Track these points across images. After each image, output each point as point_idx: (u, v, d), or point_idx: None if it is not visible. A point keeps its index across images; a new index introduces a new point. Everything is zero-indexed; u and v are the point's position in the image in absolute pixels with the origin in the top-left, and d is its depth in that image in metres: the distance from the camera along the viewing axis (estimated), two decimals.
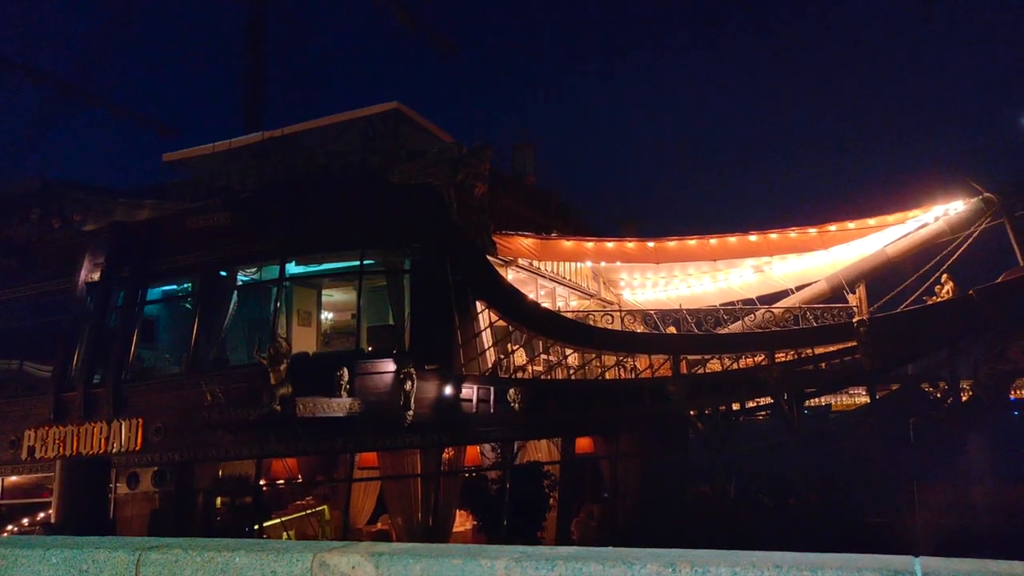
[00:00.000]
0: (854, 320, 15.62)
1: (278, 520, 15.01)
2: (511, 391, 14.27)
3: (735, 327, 17.30)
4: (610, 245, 18.03)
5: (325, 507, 16.48)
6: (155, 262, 16.00)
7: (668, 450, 16.50)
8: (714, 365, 16.51)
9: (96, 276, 16.25)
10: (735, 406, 16.37)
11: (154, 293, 16.83)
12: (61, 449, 14.84)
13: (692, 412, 15.97)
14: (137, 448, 14.35)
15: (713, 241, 17.34)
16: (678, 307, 18.43)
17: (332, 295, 18.53)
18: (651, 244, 17.89)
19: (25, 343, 16.88)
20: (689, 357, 16.18)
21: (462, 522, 15.65)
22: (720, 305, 18.89)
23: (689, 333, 17.00)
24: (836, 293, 16.69)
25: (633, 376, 17.06)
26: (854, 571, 2.43)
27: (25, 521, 15.97)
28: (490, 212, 15.80)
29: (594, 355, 16.19)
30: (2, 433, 15.65)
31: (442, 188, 15.27)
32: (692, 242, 17.64)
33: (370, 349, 14.87)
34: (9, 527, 15.62)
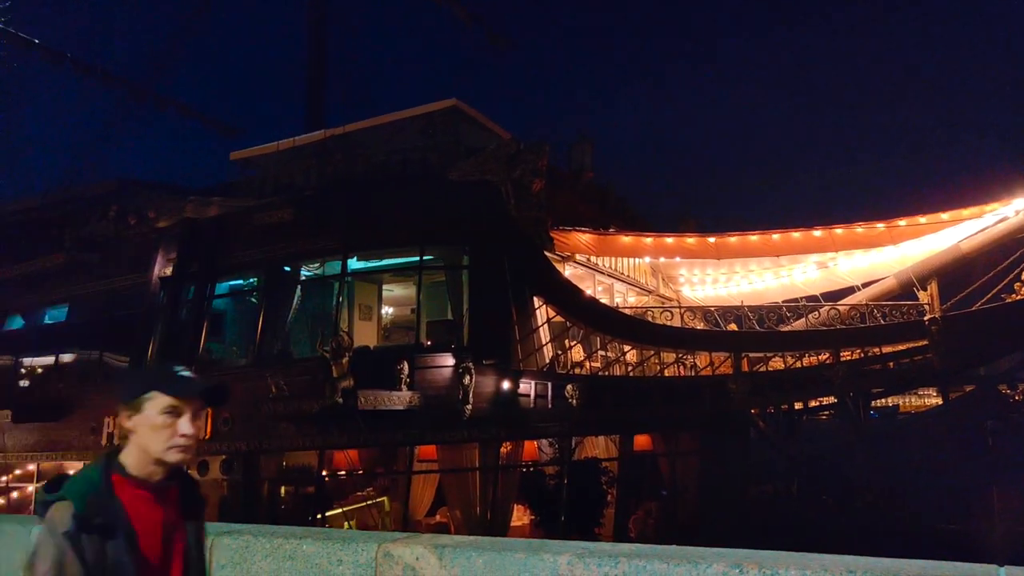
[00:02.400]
0: (925, 318, 15.14)
1: (340, 510, 15.32)
2: (569, 387, 14.25)
3: (798, 324, 16.94)
4: (669, 240, 17.85)
5: (385, 499, 16.73)
6: (223, 258, 16.49)
7: (728, 448, 16.26)
8: (776, 363, 16.21)
9: (168, 271, 16.83)
10: (798, 405, 16.04)
11: (222, 288, 17.33)
12: None
13: (754, 410, 15.72)
14: (207, 437, 14.81)
15: (776, 236, 17.00)
16: (739, 304, 18.13)
17: (392, 290, 18.79)
18: (711, 240, 17.64)
19: (104, 335, 17.59)
20: (751, 355, 15.90)
21: (519, 516, 15.71)
22: (783, 302, 18.52)
23: (751, 330, 16.71)
24: (905, 290, 16.15)
25: (693, 374, 16.89)
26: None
27: None
28: (548, 208, 15.81)
29: (653, 352, 16.07)
30: (84, 421, 16.35)
31: (500, 184, 15.36)
32: (754, 238, 17.32)
33: (429, 343, 15.05)
34: None
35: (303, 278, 16.50)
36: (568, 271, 17.24)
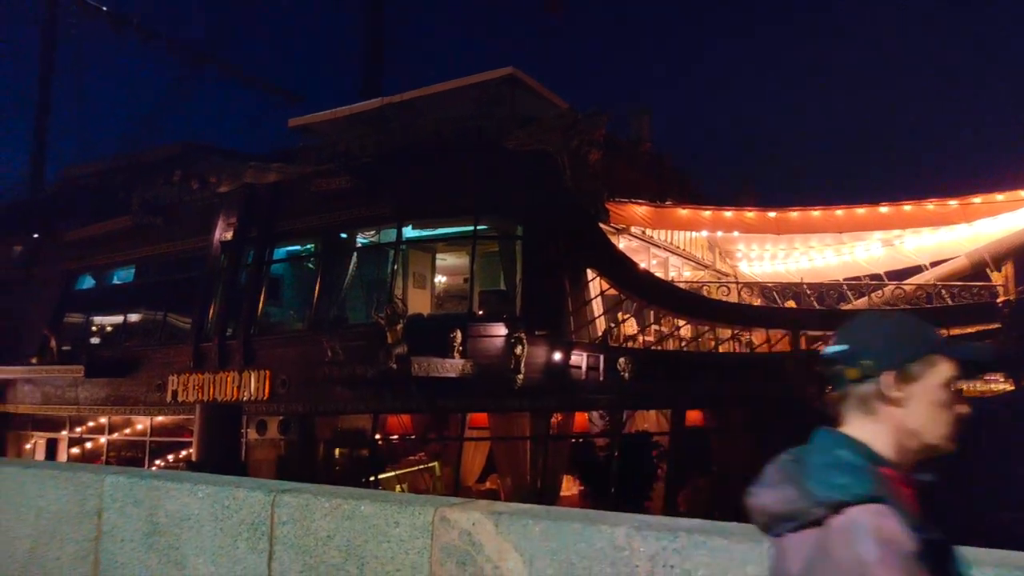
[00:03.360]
0: (998, 300, 14.59)
1: (393, 473, 15.64)
2: (621, 360, 14.20)
3: (861, 303, 16.51)
4: (728, 214, 17.50)
5: (436, 464, 17.01)
6: (281, 223, 16.78)
7: (783, 427, 16.00)
8: None
9: (229, 235, 17.21)
10: None
11: (280, 253, 17.67)
12: (200, 394, 15.95)
13: (811, 389, 15.42)
14: (265, 397, 15.23)
15: (839, 212, 16.52)
16: (799, 280, 17.75)
17: (445, 259, 18.89)
18: (772, 214, 17.24)
19: (168, 296, 18.14)
20: (810, 333, 15.58)
21: (568, 487, 15.81)
22: (844, 280, 18.06)
23: (810, 308, 16.37)
24: (977, 271, 15.55)
25: (749, 350, 16.63)
26: (1015, 569, 2.30)
27: (170, 457, 17.35)
28: (604, 179, 15.65)
29: (708, 327, 15.86)
30: (149, 378, 16.96)
31: (556, 154, 15.24)
32: (816, 213, 16.87)
33: (481, 313, 15.13)
34: (157, 461, 17.04)
35: (359, 245, 16.71)
36: (622, 243, 17.08)
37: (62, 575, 4.29)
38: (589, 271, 15.15)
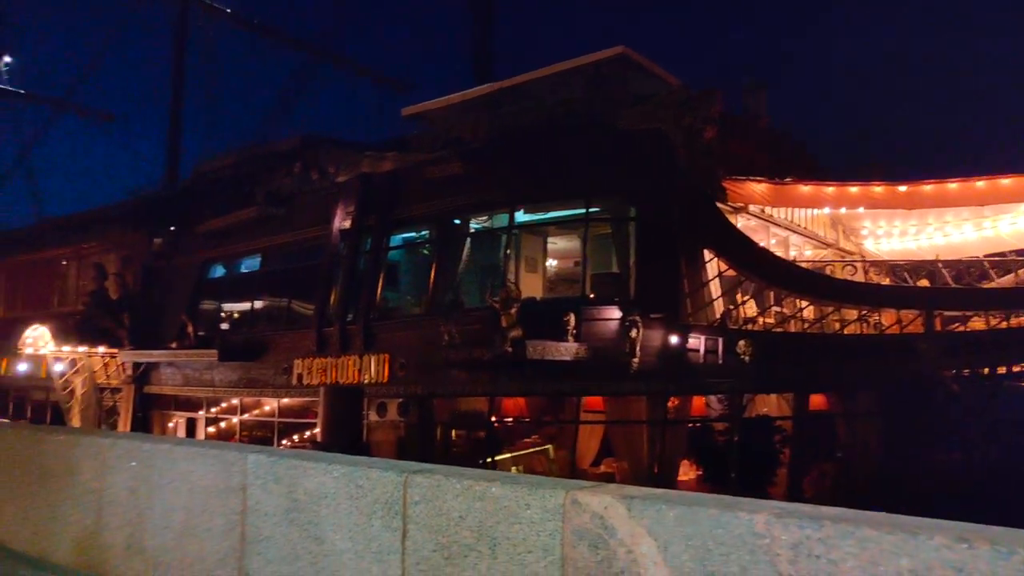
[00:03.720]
0: None
1: (509, 455, 15.82)
2: (741, 342, 13.79)
3: (1005, 281, 15.38)
4: (853, 189, 16.63)
5: (550, 447, 17.09)
6: (397, 210, 17.19)
7: (913, 412, 15.18)
8: (977, 323, 14.84)
9: (347, 224, 17.78)
10: (1001, 368, 14.64)
11: (396, 240, 18.13)
12: (323, 377, 16.63)
13: (946, 372, 14.53)
14: (384, 380, 15.71)
15: (980, 183, 15.38)
16: (934, 258, 16.70)
17: (556, 243, 18.88)
18: (902, 188, 16.25)
19: (292, 283, 18.98)
20: (945, 313, 14.67)
21: (685, 471, 15.56)
22: (984, 256, 16.85)
23: (946, 287, 15.38)
24: None
25: (877, 332, 15.82)
26: None
27: (296, 437, 18.22)
28: (720, 156, 15.19)
29: (833, 308, 15.18)
30: (277, 361, 17.82)
31: (669, 133, 14.90)
32: (952, 185, 15.77)
33: (593, 296, 15.04)
34: (284, 441, 17.94)
35: (472, 231, 16.92)
36: (740, 223, 16.54)
37: (213, 545, 4.56)
38: (706, 252, 14.77)
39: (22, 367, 22.74)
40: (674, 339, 13.80)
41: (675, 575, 2.95)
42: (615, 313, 13.90)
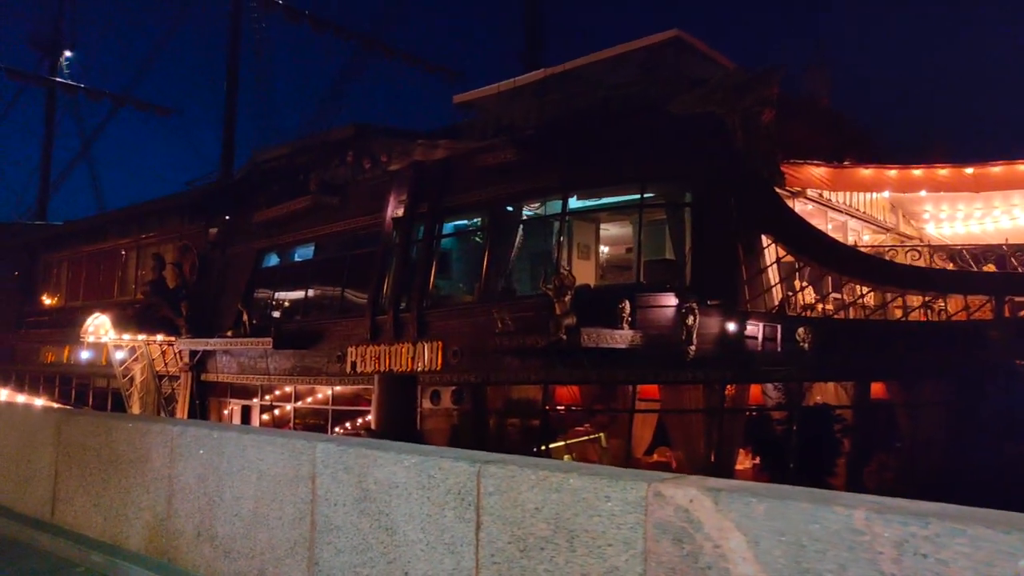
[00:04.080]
0: None
1: (563, 443, 15.75)
2: (800, 330, 13.45)
3: None
4: (917, 172, 16.06)
5: (602, 435, 16.97)
6: (449, 198, 17.17)
7: (982, 401, 14.67)
8: None
9: (400, 212, 17.83)
10: None
11: (448, 228, 18.13)
12: (376, 365, 16.74)
13: (1019, 361, 13.97)
14: (438, 368, 15.75)
15: None
16: (1002, 242, 16.07)
17: (608, 229, 18.69)
18: (969, 170, 15.64)
19: (345, 271, 19.13)
20: (1016, 299, 14.09)
21: (741, 461, 15.31)
22: None
23: (1016, 272, 14.79)
24: None
25: (942, 319, 15.29)
26: None
27: (348, 424, 18.42)
28: (778, 140, 14.81)
29: (896, 294, 14.72)
30: (330, 349, 18.00)
31: (726, 116, 14.57)
32: (1023, 167, 15.13)
33: (646, 283, 14.83)
34: (337, 429, 18.15)
35: (524, 218, 16.82)
36: (798, 207, 16.12)
37: (282, 534, 4.57)
38: (764, 237, 14.45)
39: (84, 355, 23.44)
40: (731, 326, 13.53)
41: (766, 571, 2.83)
42: (671, 300, 13.70)
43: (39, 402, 24.88)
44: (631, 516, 3.23)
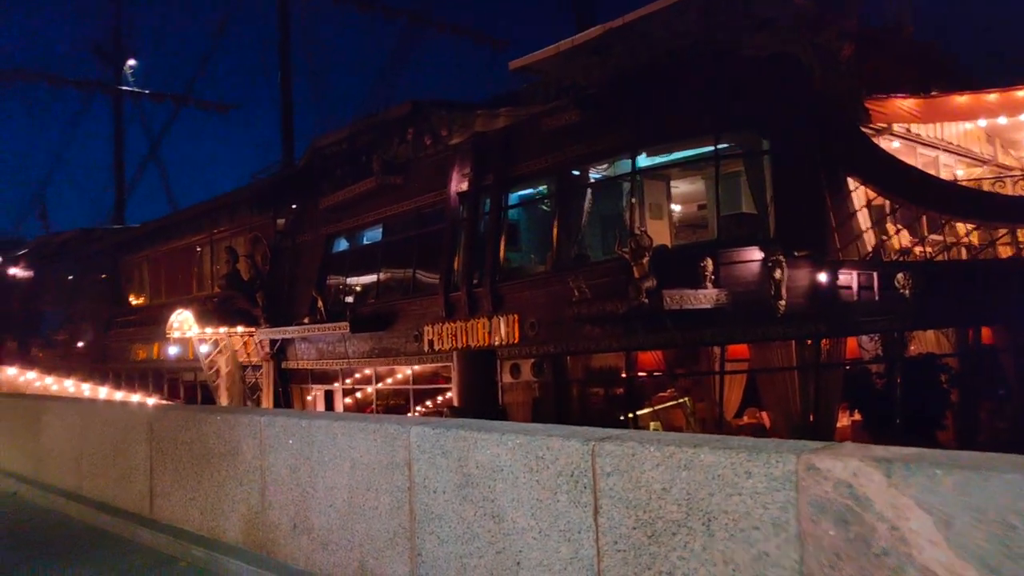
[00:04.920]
0: None
1: (649, 409, 15.32)
2: (900, 276, 12.63)
3: None
4: (1021, 94, 14.83)
5: (687, 399, 16.46)
6: (514, 167, 16.73)
7: None
8: None
9: (465, 186, 17.49)
10: None
11: (514, 198, 17.71)
12: (454, 342, 16.54)
13: None
14: (515, 341, 15.45)
15: None
16: None
17: (678, 187, 17.98)
18: None
19: (415, 250, 18.95)
20: None
21: (839, 418, 14.58)
22: None
23: None
24: None
25: None
26: None
27: (428, 403, 18.35)
28: (859, 75, 13.86)
29: (1005, 230, 13.68)
30: (406, 329, 17.89)
31: (801, 54, 13.70)
32: None
33: (724, 239, 14.17)
34: (418, 408, 18.11)
35: (592, 180, 16.27)
36: (882, 145, 15.12)
37: (380, 524, 4.29)
38: (851, 180, 13.58)
39: (172, 350, 24.01)
40: (823, 277, 12.79)
41: (964, 558, 2.36)
42: (756, 254, 13.02)
43: (135, 398, 25.74)
44: (780, 494, 2.79)
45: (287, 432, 4.80)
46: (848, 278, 12.86)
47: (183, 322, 21.36)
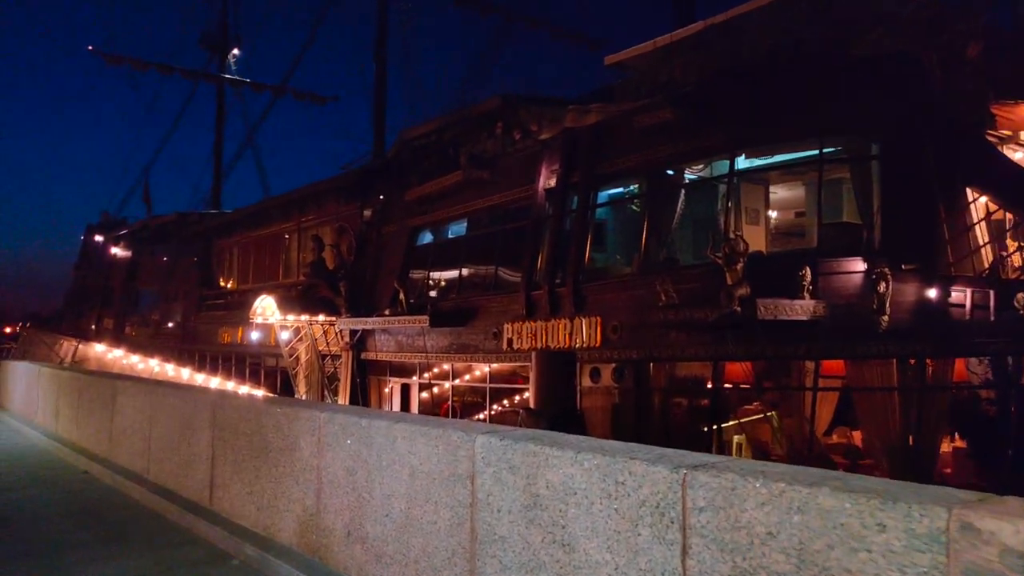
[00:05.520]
0: None
1: (734, 422, 14.59)
2: (1020, 295, 11.54)
3: None
4: None
5: (774, 413, 15.61)
6: (603, 165, 16.21)
7: None
8: None
9: (552, 183, 17.07)
10: None
11: (603, 197, 17.20)
12: (533, 342, 16.14)
13: None
14: (597, 344, 14.93)
15: None
16: None
17: (776, 192, 17.10)
18: None
19: (499, 246, 18.66)
20: None
21: (944, 444, 13.51)
22: None
23: None
24: None
25: None
26: None
27: (506, 402, 18.01)
28: (986, 77, 12.75)
29: None
30: (486, 326, 17.60)
31: (921, 54, 12.70)
32: None
33: (824, 248, 13.29)
34: (495, 406, 17.80)
35: (686, 181, 15.60)
36: (1007, 155, 13.93)
37: (438, 541, 3.90)
38: (970, 190, 12.50)
39: (254, 335, 24.47)
40: (932, 293, 11.79)
41: None
42: (859, 265, 12.13)
43: (214, 382, 26.38)
44: (923, 556, 2.25)
45: (346, 431, 4.48)
46: (961, 295, 11.83)
47: (265, 308, 21.68)
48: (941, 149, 12.42)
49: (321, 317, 21.84)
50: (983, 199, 12.71)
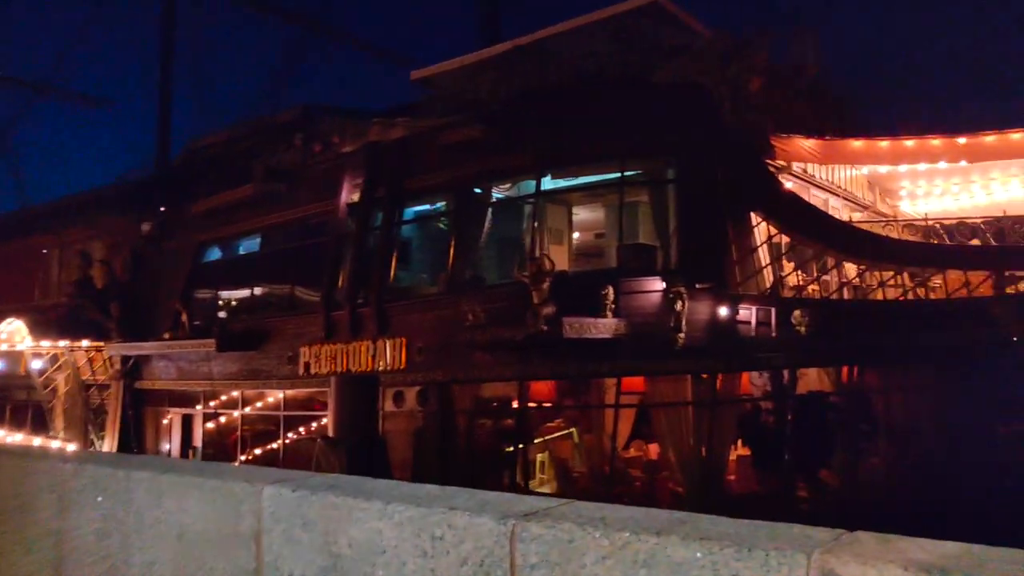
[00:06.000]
0: None
1: (540, 440, 14.66)
2: (796, 313, 12.46)
3: None
4: (909, 143, 15.18)
5: (574, 430, 15.93)
6: (410, 181, 15.84)
7: (974, 381, 13.90)
8: None
9: (355, 197, 16.44)
10: None
11: (409, 213, 16.78)
12: (333, 366, 15.31)
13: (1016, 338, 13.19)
14: (402, 367, 14.44)
15: None
16: (999, 215, 15.31)
17: (579, 214, 17.57)
18: (962, 140, 14.85)
19: (296, 264, 17.62)
20: (1017, 273, 13.31)
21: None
22: None
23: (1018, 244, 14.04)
24: None
25: (931, 297, 14.48)
26: None
27: (302, 430, 16.91)
28: (766, 110, 13.80)
29: (893, 272, 13.83)
30: (281, 350, 16.49)
31: (711, 86, 13.53)
32: (1017, 135, 14.35)
33: (623, 267, 13.77)
34: (290, 434, 16.66)
35: (493, 200, 15.56)
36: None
37: None
38: (754, 215, 13.42)
39: None
40: (723, 311, 12.48)
41: None
42: (657, 284, 12.61)
43: None
44: None
45: (97, 485, 3.64)
46: (747, 313, 12.61)
47: (13, 333, 18.97)
48: (730, 175, 13.23)
49: (85, 343, 19.43)
50: (764, 224, 13.65)
